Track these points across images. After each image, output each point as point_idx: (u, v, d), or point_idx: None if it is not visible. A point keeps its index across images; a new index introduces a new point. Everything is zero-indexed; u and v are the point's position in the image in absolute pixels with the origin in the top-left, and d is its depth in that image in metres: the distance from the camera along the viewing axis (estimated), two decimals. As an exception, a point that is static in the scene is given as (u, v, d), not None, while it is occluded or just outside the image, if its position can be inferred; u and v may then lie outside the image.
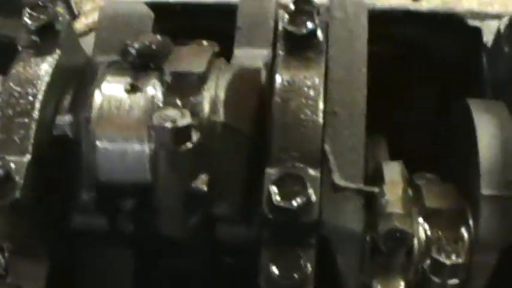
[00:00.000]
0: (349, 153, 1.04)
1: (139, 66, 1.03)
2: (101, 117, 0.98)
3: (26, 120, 1.04)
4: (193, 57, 1.00)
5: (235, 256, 1.10)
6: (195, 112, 0.94)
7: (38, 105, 1.06)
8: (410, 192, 1.08)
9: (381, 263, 1.03)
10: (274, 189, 0.94)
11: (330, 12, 1.12)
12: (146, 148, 0.96)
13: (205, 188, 0.94)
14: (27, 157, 1.02)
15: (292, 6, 1.07)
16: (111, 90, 1.00)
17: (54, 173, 1.06)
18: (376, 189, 1.05)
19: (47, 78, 1.08)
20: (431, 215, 1.05)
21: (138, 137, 0.97)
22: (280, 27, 1.08)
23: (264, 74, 1.08)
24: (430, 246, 1.02)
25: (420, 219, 1.05)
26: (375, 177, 1.09)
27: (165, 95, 0.97)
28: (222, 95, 0.98)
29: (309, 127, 1.00)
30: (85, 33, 1.46)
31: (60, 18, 1.14)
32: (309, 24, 1.06)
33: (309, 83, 1.02)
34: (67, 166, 1.05)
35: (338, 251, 1.02)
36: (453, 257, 1.01)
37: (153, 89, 0.99)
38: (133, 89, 1.00)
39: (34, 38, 1.13)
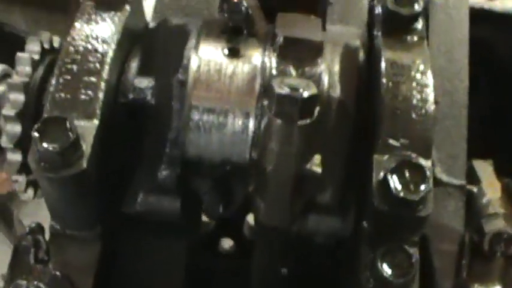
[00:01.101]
0: (450, 147, 0.97)
1: (235, 30, 0.92)
2: (198, 81, 0.86)
3: (94, 79, 0.91)
4: (305, 25, 0.90)
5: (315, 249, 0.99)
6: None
7: (108, 64, 0.93)
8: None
9: (480, 266, 0.96)
10: (394, 178, 0.84)
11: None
12: (251, 121, 0.85)
13: (319, 170, 0.83)
14: (95, 122, 0.88)
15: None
16: (209, 53, 0.88)
17: (123, 143, 0.93)
18: (476, 188, 0.98)
19: (117, 36, 0.96)
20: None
21: (241, 107, 0.85)
22: (379, 7, 1.00)
23: (362, 54, 0.99)
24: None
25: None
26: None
27: (277, 62, 0.86)
28: (337, 68, 0.88)
29: (421, 114, 0.91)
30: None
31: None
32: (416, 6, 0.98)
33: (419, 67, 0.94)
34: (140, 136, 0.93)
35: (437, 250, 0.94)
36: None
37: (260, 55, 0.87)
38: (233, 53, 0.88)
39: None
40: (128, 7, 1.00)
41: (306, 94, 0.78)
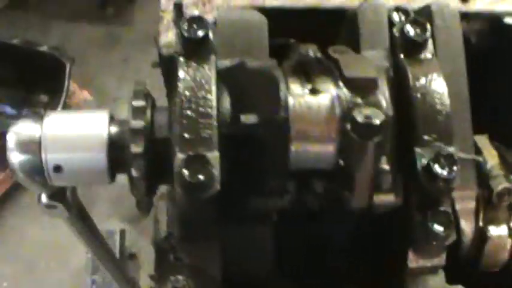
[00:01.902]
0: (461, 132, 1.36)
1: (308, 72, 1.26)
2: (296, 116, 1.20)
3: (209, 120, 1.23)
4: (362, 64, 1.25)
5: (375, 222, 1.37)
6: (377, 109, 1.20)
7: (215, 107, 1.25)
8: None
9: (491, 214, 1.37)
10: (435, 164, 1.23)
11: (433, 20, 1.40)
12: (335, 142, 1.21)
13: (388, 167, 1.21)
14: (216, 153, 1.22)
15: (412, 16, 1.35)
16: (297, 92, 1.23)
17: (235, 165, 1.26)
18: (481, 159, 1.38)
19: (213, 81, 1.27)
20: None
21: (328, 133, 1.21)
22: (399, 35, 1.35)
23: (391, 72, 1.34)
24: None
25: (512, 177, 1.40)
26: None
27: (349, 96, 1.21)
28: (387, 92, 1.24)
29: (443, 115, 1.28)
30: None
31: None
32: (427, 33, 1.34)
33: (436, 79, 1.31)
34: (248, 159, 1.26)
35: (461, 207, 1.34)
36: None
37: (334, 90, 1.23)
38: (314, 91, 1.23)
39: (193, 47, 1.30)
40: (213, 56, 1.31)
41: (377, 121, 1.15)
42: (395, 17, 1.41)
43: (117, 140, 1.34)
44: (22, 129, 1.37)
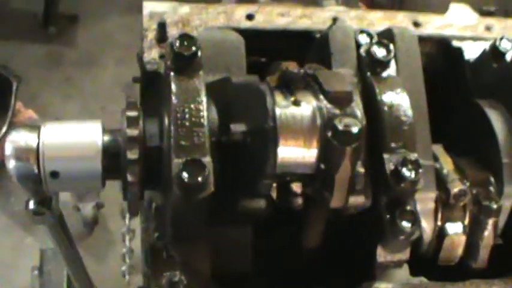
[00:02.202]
0: (421, 141, 1.53)
1: (289, 86, 1.41)
2: (283, 125, 1.35)
3: (202, 129, 1.36)
4: (339, 79, 1.41)
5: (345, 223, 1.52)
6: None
7: (206, 117, 1.37)
8: (452, 164, 1.61)
9: (448, 213, 1.54)
10: (403, 168, 1.39)
11: (395, 42, 1.58)
12: (316, 148, 1.36)
13: (363, 170, 1.37)
14: (209, 157, 1.34)
15: (376, 39, 1.53)
16: (282, 104, 1.37)
17: (223, 170, 1.39)
18: (438, 165, 1.56)
19: (203, 94, 1.39)
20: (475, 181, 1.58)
21: (311, 140, 1.35)
22: (366, 55, 1.52)
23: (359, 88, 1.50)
24: (478, 197, 1.55)
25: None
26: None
27: (328, 107, 1.36)
28: (360, 104, 1.40)
29: (407, 125, 1.45)
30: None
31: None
32: (391, 53, 1.51)
33: (400, 94, 1.48)
34: (236, 163, 1.40)
35: (421, 207, 1.51)
36: (494, 204, 1.54)
37: (315, 103, 1.38)
38: (296, 103, 1.38)
39: (184, 62, 1.42)
40: (201, 72, 1.44)
41: (355, 129, 1.31)
42: (361, 39, 1.58)
43: (110, 148, 1.45)
44: (19, 138, 1.46)
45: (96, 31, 5.29)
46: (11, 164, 1.45)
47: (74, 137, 1.46)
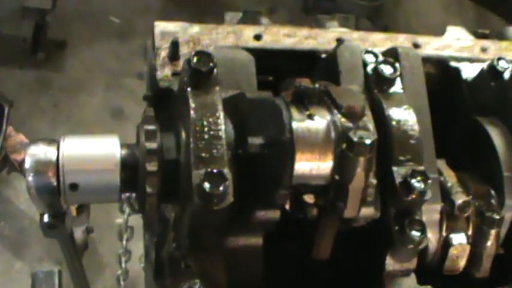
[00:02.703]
0: (427, 155, 1.60)
1: (304, 101, 1.47)
2: (299, 137, 1.40)
3: (220, 141, 1.41)
4: (351, 95, 1.48)
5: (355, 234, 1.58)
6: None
7: (223, 130, 1.43)
8: (455, 177, 1.68)
9: (452, 224, 1.61)
10: (412, 180, 1.45)
11: (400, 61, 1.65)
12: (331, 159, 1.41)
13: (375, 181, 1.43)
14: (228, 169, 1.39)
15: (381, 58, 1.60)
16: (298, 118, 1.43)
17: (243, 181, 1.44)
18: (442, 178, 1.62)
19: (220, 108, 1.45)
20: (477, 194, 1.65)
21: (326, 152, 1.41)
22: (373, 72, 1.59)
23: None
24: (481, 209, 1.62)
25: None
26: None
27: (342, 121, 1.42)
28: (371, 117, 1.47)
29: (414, 139, 1.52)
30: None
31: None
32: (397, 71, 1.58)
33: (406, 109, 1.55)
34: (252, 175, 1.45)
35: (427, 218, 1.57)
36: (496, 215, 1.61)
37: (329, 117, 1.44)
38: (311, 117, 1.44)
39: (200, 78, 1.48)
40: (218, 87, 1.50)
41: (369, 141, 1.37)
42: (368, 57, 1.65)
43: (128, 161, 1.49)
44: (38, 151, 1.50)
45: (85, 57, 5.34)
46: (30, 176, 1.48)
47: (93, 150, 1.51)
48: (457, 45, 1.94)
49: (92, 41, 5.39)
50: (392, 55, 1.67)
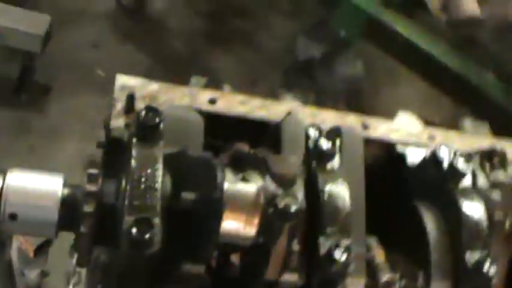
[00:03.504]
0: (356, 229, 1.66)
1: (240, 165, 1.55)
2: (229, 197, 1.47)
3: (154, 193, 1.47)
4: (286, 163, 1.55)
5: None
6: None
7: (160, 182, 1.49)
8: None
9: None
10: (336, 251, 1.51)
11: (341, 138, 1.74)
12: (257, 222, 1.48)
13: (298, 248, 1.49)
14: (158, 219, 1.45)
15: (324, 133, 1.69)
16: (231, 179, 1.50)
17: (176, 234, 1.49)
18: (371, 254, 1.68)
19: (160, 162, 1.52)
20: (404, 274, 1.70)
21: (253, 214, 1.48)
22: (313, 146, 1.67)
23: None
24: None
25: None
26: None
27: (272, 187, 1.49)
28: (302, 188, 1.54)
29: (344, 214, 1.59)
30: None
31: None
32: (337, 147, 1.66)
33: (342, 184, 1.62)
34: (183, 229, 1.50)
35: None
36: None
37: (261, 182, 1.51)
38: (245, 180, 1.51)
39: (146, 131, 1.55)
40: (161, 142, 1.57)
41: (293, 208, 1.44)
42: (311, 131, 1.73)
43: (68, 200, 1.56)
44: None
45: (67, 105, 5.41)
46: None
47: (36, 185, 1.58)
48: (406, 130, 2.04)
49: (76, 91, 5.47)
50: (335, 132, 1.75)
